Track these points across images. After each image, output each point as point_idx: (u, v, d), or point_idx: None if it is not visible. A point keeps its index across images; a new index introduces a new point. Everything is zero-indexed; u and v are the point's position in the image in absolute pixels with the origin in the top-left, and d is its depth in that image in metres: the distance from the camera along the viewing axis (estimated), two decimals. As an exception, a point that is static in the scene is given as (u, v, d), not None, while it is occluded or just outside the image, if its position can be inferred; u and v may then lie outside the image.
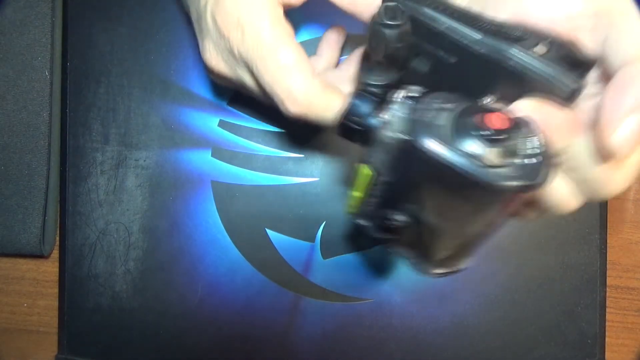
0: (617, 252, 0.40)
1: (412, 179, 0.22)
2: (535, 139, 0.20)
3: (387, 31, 0.23)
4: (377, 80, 0.25)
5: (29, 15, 0.39)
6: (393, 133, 0.21)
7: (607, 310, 0.39)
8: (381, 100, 0.24)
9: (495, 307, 0.38)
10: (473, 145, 0.19)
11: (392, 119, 0.22)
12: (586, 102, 0.23)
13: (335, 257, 0.39)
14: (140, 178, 0.39)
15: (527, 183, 0.19)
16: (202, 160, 0.39)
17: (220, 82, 0.32)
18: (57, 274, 0.40)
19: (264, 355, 0.39)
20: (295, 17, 0.28)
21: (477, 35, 0.23)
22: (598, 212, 0.39)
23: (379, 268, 0.39)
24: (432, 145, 0.19)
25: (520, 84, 0.22)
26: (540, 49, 0.22)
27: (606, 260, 0.39)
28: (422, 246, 0.25)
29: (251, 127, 0.39)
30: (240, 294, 0.39)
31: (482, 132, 0.19)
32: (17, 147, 0.39)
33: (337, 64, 0.35)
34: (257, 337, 0.39)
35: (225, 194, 0.39)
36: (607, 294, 0.39)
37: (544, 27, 0.22)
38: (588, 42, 0.22)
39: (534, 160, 0.19)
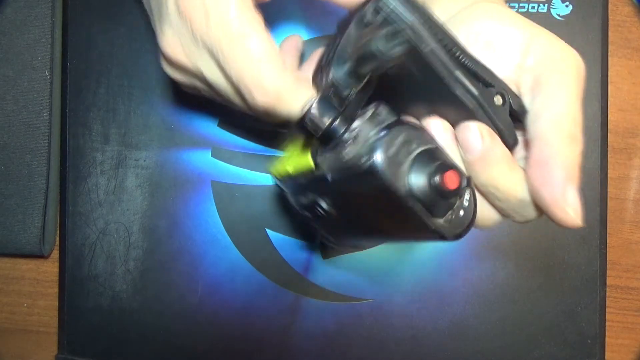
0: (617, 252, 0.40)
1: (353, 191, 0.24)
2: (468, 191, 0.22)
3: (386, 56, 0.22)
4: (347, 85, 0.24)
5: (29, 15, 0.39)
6: (353, 152, 0.23)
7: (607, 310, 0.39)
8: (342, 107, 0.24)
9: (495, 307, 0.38)
10: (426, 192, 0.21)
11: (356, 137, 0.23)
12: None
13: (335, 257, 0.39)
14: (140, 178, 0.39)
15: (460, 231, 0.22)
16: (202, 160, 0.39)
17: (176, 77, 0.29)
18: (57, 274, 0.40)
19: (264, 355, 0.39)
20: (295, 18, 0.29)
21: (452, 68, 0.23)
22: (598, 212, 0.39)
23: (379, 268, 0.39)
24: (391, 179, 0.21)
25: (472, 119, 0.24)
26: (498, 99, 0.23)
27: (606, 260, 0.39)
28: (335, 230, 0.29)
29: (251, 127, 0.39)
30: (240, 294, 0.39)
31: (437, 187, 0.21)
32: (17, 147, 0.39)
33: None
34: (257, 337, 0.39)
35: (225, 194, 0.39)
36: (607, 294, 0.39)
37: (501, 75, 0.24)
38: (526, 100, 0.24)
39: (465, 211, 0.22)
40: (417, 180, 0.21)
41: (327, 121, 0.24)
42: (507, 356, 0.38)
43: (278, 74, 0.25)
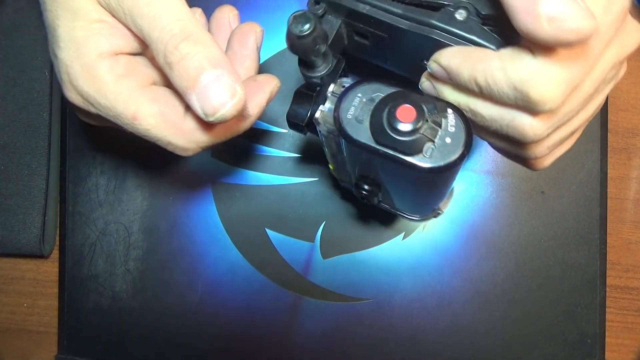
0: (617, 252, 0.40)
1: (357, 159, 0.25)
2: (452, 116, 0.22)
3: (301, 42, 0.23)
4: (314, 72, 0.26)
5: (29, 15, 0.39)
6: (326, 128, 0.24)
7: (607, 310, 0.39)
8: (317, 93, 0.26)
9: (495, 307, 0.38)
10: (389, 136, 0.21)
11: (323, 116, 0.24)
12: None
13: (335, 257, 0.39)
14: (140, 178, 0.39)
15: (454, 158, 0.21)
16: (202, 160, 0.39)
17: (83, 117, 0.29)
18: (57, 274, 0.40)
19: (264, 355, 0.39)
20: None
21: (397, 10, 0.24)
22: (598, 212, 0.39)
23: (379, 268, 0.39)
24: (358, 139, 0.22)
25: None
26: (460, 14, 0.23)
27: (606, 260, 0.39)
28: (391, 202, 0.30)
29: (251, 127, 0.39)
30: (240, 294, 0.39)
31: (394, 126, 0.21)
32: (17, 147, 0.39)
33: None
34: (257, 337, 0.39)
35: (225, 194, 0.39)
36: (607, 294, 0.39)
37: None
38: None
39: (453, 137, 0.21)
40: (377, 128, 0.21)
41: (304, 114, 0.26)
42: (507, 356, 0.38)
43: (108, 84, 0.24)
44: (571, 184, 0.39)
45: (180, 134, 0.25)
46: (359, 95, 0.23)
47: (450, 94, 0.23)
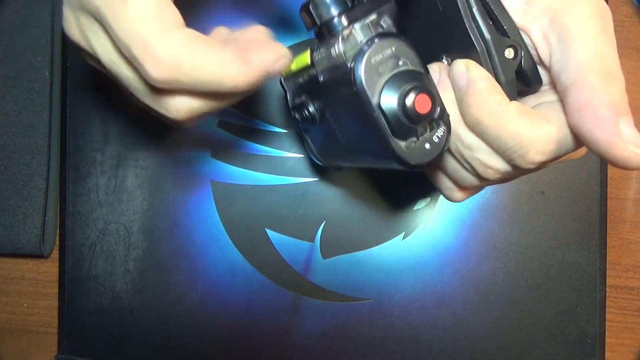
0: (617, 252, 0.40)
1: (334, 91, 0.24)
2: (443, 129, 0.22)
3: None
4: None
5: (29, 15, 0.39)
6: (342, 49, 0.22)
7: (607, 310, 0.39)
8: (352, 5, 0.23)
9: (495, 307, 0.38)
10: (393, 109, 0.21)
11: (349, 37, 0.22)
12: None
13: (335, 257, 0.39)
14: (140, 178, 0.39)
15: (419, 162, 0.22)
16: (202, 160, 0.39)
17: (85, 57, 0.25)
18: (57, 274, 0.40)
19: (264, 355, 0.39)
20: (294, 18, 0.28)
21: (473, 9, 0.23)
22: (598, 212, 0.39)
23: (379, 268, 0.39)
24: (365, 87, 0.21)
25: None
26: (510, 52, 0.23)
27: (606, 260, 0.39)
28: (317, 139, 0.29)
29: (251, 127, 0.39)
30: (240, 294, 0.39)
31: (406, 106, 0.21)
32: (17, 147, 0.39)
33: None
34: (257, 337, 0.39)
35: (225, 194, 0.39)
36: (607, 293, 0.39)
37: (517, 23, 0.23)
38: (540, 50, 0.23)
39: (432, 145, 0.22)
40: (389, 94, 0.21)
41: (333, 12, 0.23)
42: (507, 356, 0.38)
43: (171, 36, 0.20)
44: (571, 184, 0.39)
45: (248, 65, 0.22)
46: (393, 48, 0.21)
47: (449, 100, 0.23)
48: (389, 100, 0.21)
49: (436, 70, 0.24)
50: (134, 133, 0.39)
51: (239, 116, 0.39)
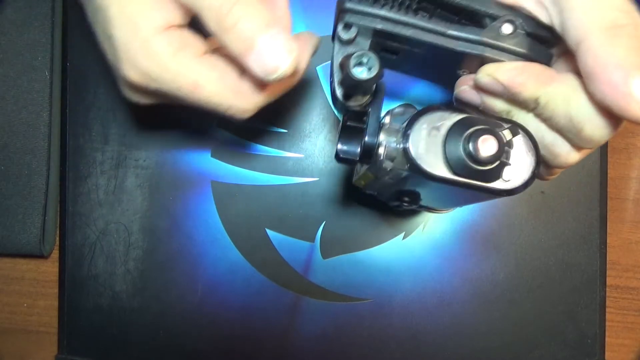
0: (617, 252, 0.40)
1: (414, 185, 0.24)
2: (520, 137, 0.21)
3: (363, 83, 0.22)
4: (356, 102, 0.25)
5: (29, 15, 0.39)
6: (391, 163, 0.23)
7: (607, 310, 0.39)
8: (366, 124, 0.24)
9: (495, 307, 0.38)
10: (470, 167, 0.20)
11: (386, 150, 0.23)
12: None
13: (335, 257, 0.39)
14: (140, 178, 0.39)
15: (526, 180, 0.21)
16: (202, 160, 0.39)
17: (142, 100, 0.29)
18: (57, 274, 0.40)
19: (264, 355, 0.39)
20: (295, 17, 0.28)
21: (440, 29, 0.23)
22: (598, 212, 0.39)
23: (379, 268, 0.39)
24: (433, 172, 0.21)
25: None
26: (507, 28, 0.23)
27: (606, 260, 0.39)
28: (428, 205, 0.31)
29: (251, 127, 0.39)
30: (240, 294, 0.39)
31: (476, 158, 0.20)
32: (17, 147, 0.39)
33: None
34: (257, 337, 0.39)
35: (225, 194, 0.39)
36: (607, 293, 0.39)
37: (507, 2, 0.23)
38: (541, 17, 0.22)
39: (525, 158, 0.21)
40: (456, 161, 0.21)
41: (356, 150, 0.24)
42: (507, 356, 0.38)
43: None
44: (571, 184, 0.39)
45: (239, 97, 0.26)
46: (425, 125, 0.22)
47: (500, 106, 0.23)
48: (459, 165, 0.21)
49: (467, 90, 0.24)
50: (134, 133, 0.39)
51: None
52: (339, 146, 0.25)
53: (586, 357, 0.38)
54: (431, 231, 0.39)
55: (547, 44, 0.23)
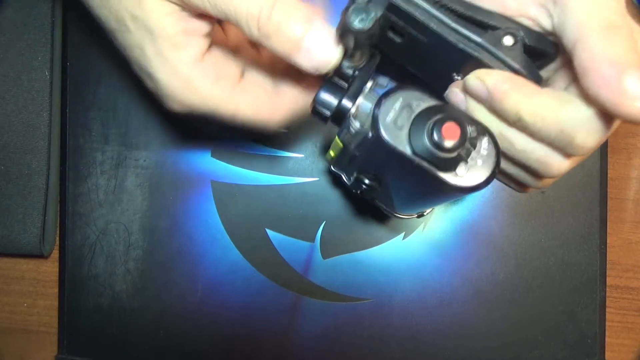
0: (617, 252, 0.40)
1: (375, 159, 0.25)
2: (487, 139, 0.22)
3: (357, 35, 0.23)
4: (349, 62, 0.26)
5: (29, 15, 0.39)
6: (359, 124, 0.24)
7: (607, 310, 0.39)
8: (349, 85, 0.25)
9: (495, 307, 0.38)
10: (429, 149, 0.21)
11: (358, 112, 0.24)
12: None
13: (335, 257, 0.39)
14: (140, 178, 0.39)
15: (480, 182, 0.22)
16: (202, 160, 0.39)
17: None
18: (57, 274, 0.40)
19: (264, 355, 0.39)
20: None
21: (448, 21, 0.24)
22: (598, 212, 0.39)
23: (379, 268, 0.39)
24: (395, 144, 0.22)
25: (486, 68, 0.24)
26: (508, 40, 0.23)
27: (606, 260, 0.39)
28: (387, 201, 0.31)
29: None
30: (240, 294, 0.39)
31: (437, 142, 0.21)
32: (17, 147, 0.39)
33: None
34: (257, 337, 0.39)
35: (225, 193, 0.39)
36: (607, 293, 0.39)
37: (510, 12, 0.23)
38: (543, 22, 0.23)
39: (484, 161, 0.22)
40: (417, 139, 0.21)
41: (334, 102, 0.25)
42: (507, 356, 0.38)
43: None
44: (571, 184, 0.39)
45: (275, 114, 0.27)
46: (400, 100, 0.22)
47: (482, 115, 0.23)
48: (420, 144, 0.21)
49: (457, 92, 0.24)
50: (134, 133, 0.39)
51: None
52: (318, 96, 0.26)
53: (586, 357, 0.38)
54: (431, 231, 0.39)
55: (546, 58, 0.24)
